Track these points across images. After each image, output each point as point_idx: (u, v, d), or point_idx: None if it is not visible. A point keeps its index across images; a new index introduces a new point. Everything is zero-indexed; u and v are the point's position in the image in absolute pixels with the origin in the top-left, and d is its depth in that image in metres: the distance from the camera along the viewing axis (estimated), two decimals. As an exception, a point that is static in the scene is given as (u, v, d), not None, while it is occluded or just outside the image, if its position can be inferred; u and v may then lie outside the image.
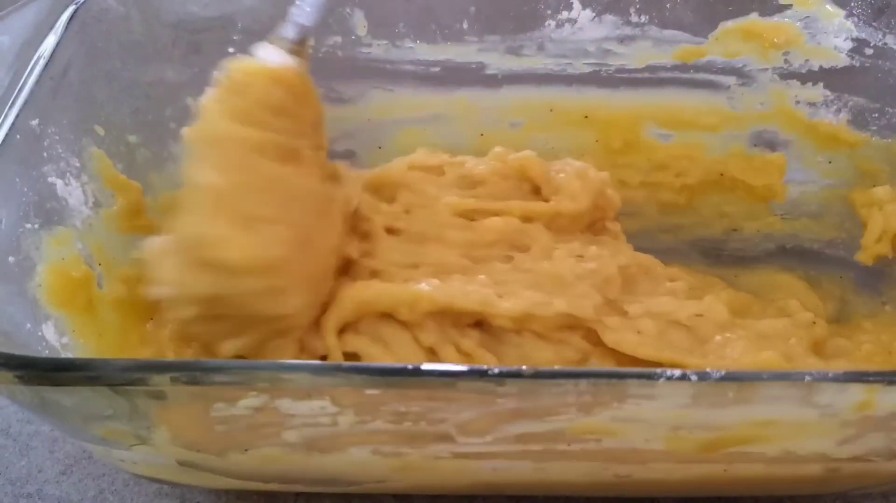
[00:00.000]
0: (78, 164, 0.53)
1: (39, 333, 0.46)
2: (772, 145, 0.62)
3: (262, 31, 0.60)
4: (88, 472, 0.54)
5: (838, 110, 0.60)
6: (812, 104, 0.61)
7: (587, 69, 0.62)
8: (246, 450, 0.42)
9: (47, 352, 0.46)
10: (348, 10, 0.60)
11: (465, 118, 0.64)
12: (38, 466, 0.55)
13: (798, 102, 0.61)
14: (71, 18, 0.54)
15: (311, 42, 0.53)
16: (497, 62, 0.62)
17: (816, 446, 0.41)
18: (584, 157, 0.61)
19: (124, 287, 0.54)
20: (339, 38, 0.61)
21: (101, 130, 0.55)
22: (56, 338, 0.47)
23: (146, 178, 0.58)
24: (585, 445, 0.41)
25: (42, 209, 0.50)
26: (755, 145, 0.63)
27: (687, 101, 0.62)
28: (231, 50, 0.60)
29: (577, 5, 0.60)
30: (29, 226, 0.48)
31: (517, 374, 0.36)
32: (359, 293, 0.50)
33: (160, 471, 0.47)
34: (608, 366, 0.51)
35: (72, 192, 0.52)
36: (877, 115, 0.58)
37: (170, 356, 0.53)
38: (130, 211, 0.56)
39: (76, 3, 0.54)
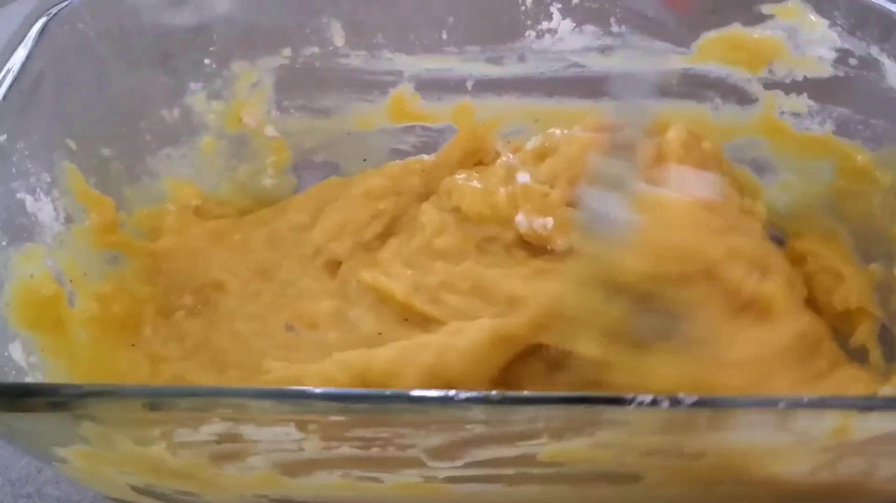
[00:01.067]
0: (49, 179, 0.52)
1: (6, 353, 0.45)
2: (756, 158, 0.62)
3: (238, 39, 0.60)
4: (89, 472, 0.54)
5: (823, 121, 0.59)
6: (797, 115, 0.60)
7: (568, 79, 0.61)
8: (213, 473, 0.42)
9: (14, 372, 0.45)
10: (325, 20, 0.59)
11: (447, 129, 0.64)
12: (38, 466, 0.54)
13: (783, 113, 0.60)
14: (42, 31, 0.52)
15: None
16: (477, 73, 0.61)
17: (793, 471, 0.40)
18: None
19: (97, 304, 0.53)
20: (316, 49, 0.60)
21: (72, 144, 0.54)
22: (23, 357, 0.46)
23: (120, 192, 0.58)
24: (559, 469, 0.40)
25: (10, 226, 0.49)
26: (740, 157, 0.62)
27: (671, 111, 0.61)
28: (207, 61, 0.60)
29: (556, 16, 0.59)
30: (-5, 243, 0.47)
31: (484, 400, 0.36)
32: None
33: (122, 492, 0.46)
34: None
35: (42, 208, 0.51)
36: (861, 126, 0.57)
37: (165, 374, 0.53)
38: (103, 226, 0.55)
39: (47, 16, 0.53)
